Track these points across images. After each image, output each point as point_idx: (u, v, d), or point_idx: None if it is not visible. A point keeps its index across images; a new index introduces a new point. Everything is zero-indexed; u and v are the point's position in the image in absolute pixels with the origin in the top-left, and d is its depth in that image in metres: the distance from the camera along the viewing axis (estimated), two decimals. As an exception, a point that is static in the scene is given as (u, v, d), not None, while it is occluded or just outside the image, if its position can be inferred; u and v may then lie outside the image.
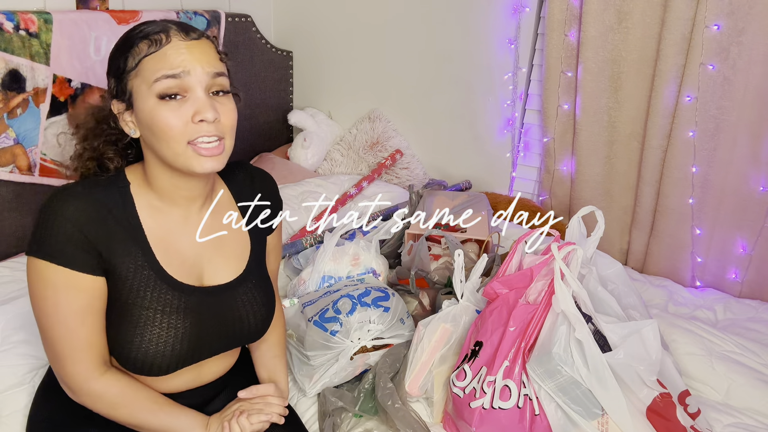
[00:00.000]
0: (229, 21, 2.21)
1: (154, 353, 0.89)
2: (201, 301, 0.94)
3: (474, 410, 1.08)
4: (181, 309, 0.91)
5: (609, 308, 1.15)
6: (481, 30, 2.13)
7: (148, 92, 0.82)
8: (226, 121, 0.87)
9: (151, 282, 0.89)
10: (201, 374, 1.02)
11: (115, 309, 0.88)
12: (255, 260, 1.03)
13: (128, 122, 0.88)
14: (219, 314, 0.96)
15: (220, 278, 0.97)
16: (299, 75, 2.63)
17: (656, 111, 1.78)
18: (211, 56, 0.86)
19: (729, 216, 1.81)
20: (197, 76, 0.83)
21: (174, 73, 0.81)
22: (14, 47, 1.50)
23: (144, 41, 0.83)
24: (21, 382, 1.16)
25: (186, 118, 0.82)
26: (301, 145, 2.43)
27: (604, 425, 1.03)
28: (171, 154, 0.84)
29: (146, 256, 0.89)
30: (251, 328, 1.00)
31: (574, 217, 1.28)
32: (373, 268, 1.53)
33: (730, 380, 1.33)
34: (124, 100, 0.86)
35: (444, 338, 1.22)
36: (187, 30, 0.85)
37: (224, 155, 0.87)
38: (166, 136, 0.82)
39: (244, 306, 0.99)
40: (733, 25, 1.63)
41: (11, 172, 1.57)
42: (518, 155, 2.24)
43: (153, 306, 0.88)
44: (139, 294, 0.88)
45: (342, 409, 1.21)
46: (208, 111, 0.82)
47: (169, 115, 0.82)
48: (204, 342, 0.94)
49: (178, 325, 0.90)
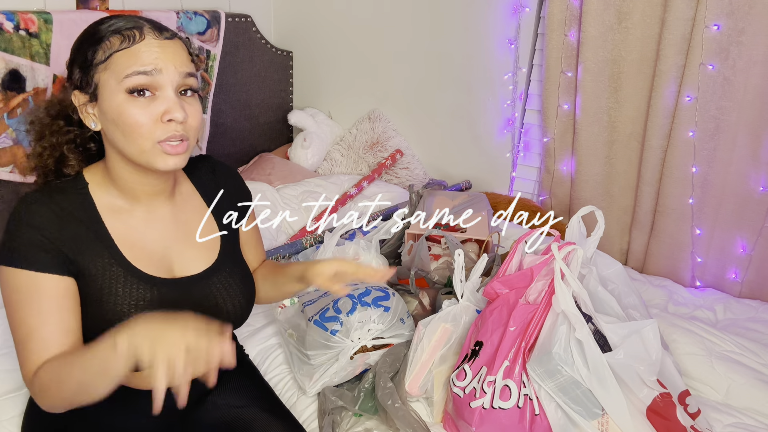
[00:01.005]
0: (229, 21, 2.21)
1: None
2: (175, 292, 0.94)
3: (474, 410, 1.08)
4: (154, 301, 0.91)
5: (609, 308, 1.15)
6: (481, 30, 2.13)
7: (117, 87, 0.82)
8: (193, 121, 0.87)
9: (120, 278, 0.89)
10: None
11: (89, 308, 0.88)
12: (227, 249, 1.03)
13: (90, 114, 0.87)
14: (194, 304, 0.95)
15: (191, 269, 0.97)
16: (299, 75, 2.63)
17: (656, 111, 1.78)
18: (183, 56, 0.86)
19: (729, 216, 1.81)
20: (169, 75, 0.83)
21: (146, 70, 0.82)
22: (14, 47, 1.50)
23: (116, 36, 0.83)
24: (20, 386, 1.17)
25: (155, 116, 0.83)
26: (301, 145, 2.43)
27: (604, 425, 1.03)
28: (136, 151, 0.84)
29: (113, 254, 0.89)
30: (230, 315, 1.00)
31: (574, 217, 1.28)
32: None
33: (730, 380, 1.33)
34: (88, 93, 0.85)
35: (444, 338, 1.22)
36: (161, 29, 0.86)
37: (187, 153, 0.88)
38: (133, 133, 0.82)
39: (220, 294, 0.99)
40: (733, 25, 1.63)
41: (11, 172, 1.57)
42: (518, 155, 2.24)
43: (126, 301, 0.89)
44: (111, 291, 0.88)
45: (342, 408, 1.21)
46: (177, 111, 0.83)
47: (138, 112, 0.82)
48: None
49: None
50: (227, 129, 2.36)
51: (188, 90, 0.87)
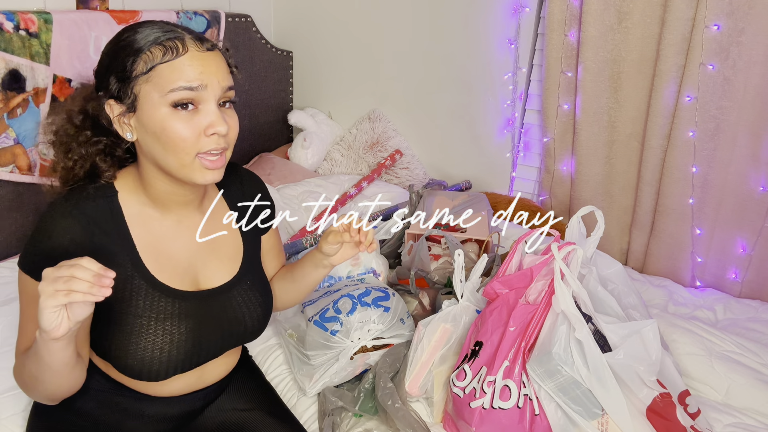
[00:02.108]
0: (229, 21, 2.21)
1: (150, 359, 0.88)
2: (197, 305, 0.94)
3: (474, 410, 1.08)
4: (175, 315, 0.90)
5: (609, 308, 1.15)
6: (481, 30, 2.13)
7: (160, 100, 0.81)
8: (233, 133, 0.87)
9: (142, 291, 0.88)
10: (203, 376, 1.01)
11: (108, 319, 0.88)
12: (249, 261, 1.03)
13: (126, 125, 0.85)
14: (216, 317, 0.95)
15: (215, 281, 0.97)
16: (299, 75, 2.63)
17: (656, 111, 1.78)
18: (224, 70, 0.86)
19: (729, 216, 1.81)
20: (213, 90, 0.83)
21: (191, 86, 0.81)
22: (14, 47, 1.50)
23: (157, 47, 0.81)
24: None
25: (198, 130, 0.82)
26: (301, 145, 2.43)
27: (604, 425, 1.03)
28: (176, 165, 0.84)
29: (135, 266, 0.89)
30: (248, 328, 1.00)
31: (574, 217, 1.28)
32: (373, 268, 1.53)
33: (730, 380, 1.33)
34: (126, 104, 0.83)
35: (444, 338, 1.22)
36: (201, 39, 0.84)
37: (224, 167, 0.88)
38: (176, 147, 0.82)
39: (240, 307, 0.99)
40: (733, 25, 1.63)
41: (11, 172, 1.57)
42: (518, 155, 2.24)
43: (146, 314, 0.88)
44: (131, 303, 0.88)
45: (342, 409, 1.21)
46: (221, 125, 0.83)
47: (182, 126, 0.81)
48: (202, 346, 0.94)
49: (173, 330, 0.90)
50: (227, 129, 2.36)
51: (227, 102, 0.87)
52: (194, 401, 1.02)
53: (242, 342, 1.03)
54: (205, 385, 1.03)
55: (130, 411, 0.98)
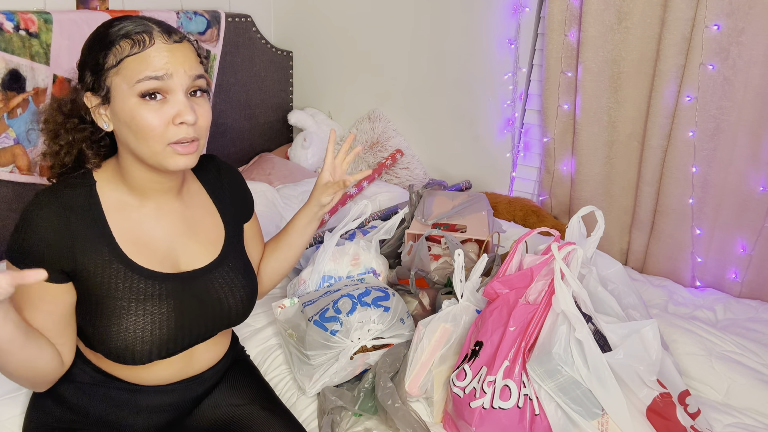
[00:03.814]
0: (229, 21, 2.21)
1: (132, 339, 0.90)
2: (177, 287, 0.96)
3: (474, 410, 1.08)
4: (155, 295, 0.93)
5: (609, 308, 1.15)
6: (481, 30, 2.13)
7: (129, 91, 0.84)
8: (203, 122, 0.90)
9: (120, 274, 0.91)
10: (192, 362, 1.02)
11: (90, 304, 0.90)
12: (230, 245, 1.06)
13: (102, 116, 0.89)
14: (197, 297, 0.98)
15: (196, 263, 1.00)
16: (299, 75, 2.63)
17: (656, 111, 1.78)
18: (192, 59, 0.88)
19: (729, 216, 1.81)
20: (179, 79, 0.85)
21: (157, 75, 0.84)
22: (14, 47, 1.50)
23: (126, 40, 0.84)
24: (20, 386, 1.16)
25: (166, 118, 0.85)
26: (301, 145, 2.43)
27: (604, 425, 1.03)
28: (148, 152, 0.87)
29: (112, 251, 0.91)
30: (232, 309, 1.02)
31: (574, 217, 1.28)
32: (373, 268, 1.53)
33: (730, 380, 1.33)
34: (101, 95, 0.87)
35: (444, 338, 1.22)
36: (170, 32, 0.87)
37: (197, 153, 0.90)
38: (146, 135, 0.85)
39: (222, 288, 1.01)
40: (733, 25, 1.63)
41: (11, 172, 1.57)
42: (518, 155, 2.24)
43: (126, 296, 0.91)
44: (110, 286, 0.90)
45: (341, 408, 1.21)
46: (188, 114, 0.85)
47: (150, 115, 0.84)
48: (185, 326, 0.96)
49: (155, 311, 0.92)
50: (227, 129, 2.36)
51: (197, 91, 0.89)
52: (186, 391, 1.02)
53: (228, 325, 1.05)
54: (195, 373, 1.03)
55: (125, 404, 0.99)
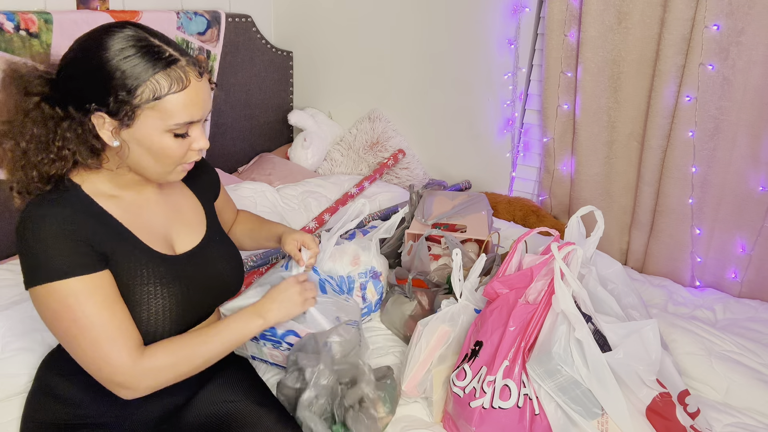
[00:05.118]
0: (229, 21, 2.21)
1: (162, 322, 0.96)
2: (186, 267, 1.02)
3: (474, 410, 1.08)
4: (171, 277, 0.98)
5: (609, 308, 1.15)
6: (481, 30, 2.13)
7: (162, 125, 0.89)
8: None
9: (143, 260, 0.95)
10: None
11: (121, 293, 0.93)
12: (211, 222, 1.15)
13: (110, 131, 0.89)
14: (203, 273, 1.05)
15: (189, 244, 1.06)
16: (299, 75, 2.63)
17: (656, 111, 1.78)
18: (210, 95, 0.96)
19: (728, 216, 1.81)
20: (203, 117, 0.94)
21: (194, 121, 0.92)
22: (14, 47, 1.51)
23: (161, 74, 0.87)
24: (21, 390, 1.16)
25: (186, 146, 0.94)
26: (301, 145, 2.43)
27: (604, 425, 1.03)
28: (159, 171, 0.94)
29: (129, 240, 0.95)
30: (229, 279, 1.11)
31: (573, 217, 1.28)
32: (374, 267, 1.53)
33: (730, 380, 1.33)
34: (119, 118, 0.87)
35: (443, 338, 1.22)
36: (195, 64, 0.92)
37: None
38: (166, 160, 0.93)
39: (219, 261, 1.09)
40: (733, 25, 1.63)
41: (11, 172, 1.57)
42: (518, 155, 2.24)
43: (152, 281, 0.95)
44: (137, 273, 0.94)
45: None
46: (205, 143, 0.96)
47: (176, 146, 0.92)
48: (194, 302, 1.02)
49: (174, 291, 0.98)
50: (227, 129, 2.36)
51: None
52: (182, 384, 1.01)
53: (228, 294, 1.12)
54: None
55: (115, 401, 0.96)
